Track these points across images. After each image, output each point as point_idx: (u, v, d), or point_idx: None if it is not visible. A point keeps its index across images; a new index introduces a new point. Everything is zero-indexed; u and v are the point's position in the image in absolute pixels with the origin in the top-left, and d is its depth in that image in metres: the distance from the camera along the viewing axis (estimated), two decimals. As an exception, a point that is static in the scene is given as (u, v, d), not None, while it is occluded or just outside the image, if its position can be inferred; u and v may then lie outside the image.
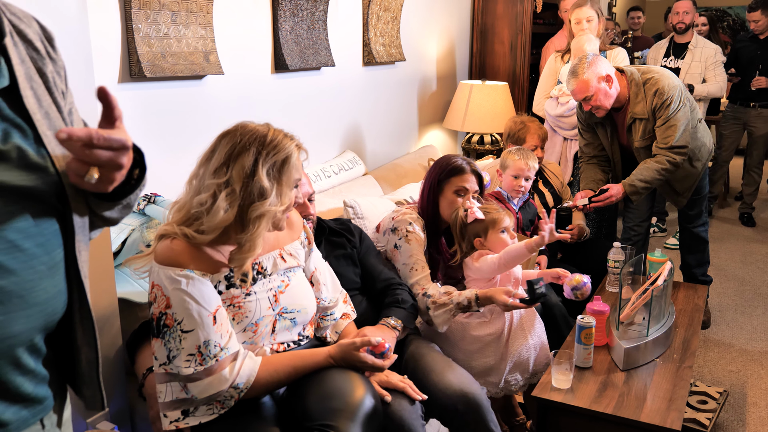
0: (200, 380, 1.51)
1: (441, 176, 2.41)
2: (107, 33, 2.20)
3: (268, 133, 1.61)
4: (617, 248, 2.89)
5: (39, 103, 0.96)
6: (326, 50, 3.16)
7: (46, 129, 0.96)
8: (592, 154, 3.33)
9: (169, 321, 1.52)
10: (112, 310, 1.92)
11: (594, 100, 3.01)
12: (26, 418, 0.97)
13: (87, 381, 1.08)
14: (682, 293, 2.99)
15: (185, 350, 1.51)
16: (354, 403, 1.57)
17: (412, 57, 4.03)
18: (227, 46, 2.65)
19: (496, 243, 2.34)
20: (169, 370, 1.53)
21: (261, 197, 1.54)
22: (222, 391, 1.53)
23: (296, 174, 1.62)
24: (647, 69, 3.10)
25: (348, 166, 3.29)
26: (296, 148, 1.62)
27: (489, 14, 4.63)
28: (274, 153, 1.57)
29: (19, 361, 0.94)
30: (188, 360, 1.51)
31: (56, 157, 0.96)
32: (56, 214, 0.98)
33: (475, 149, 4.24)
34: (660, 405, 2.01)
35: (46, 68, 1.00)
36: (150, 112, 2.39)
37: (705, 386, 2.94)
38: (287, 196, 1.60)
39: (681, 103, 2.99)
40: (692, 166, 3.25)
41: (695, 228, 3.55)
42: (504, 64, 4.64)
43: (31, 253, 0.93)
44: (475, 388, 1.92)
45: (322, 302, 1.88)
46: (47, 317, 0.97)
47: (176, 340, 1.51)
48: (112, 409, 1.93)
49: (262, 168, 1.55)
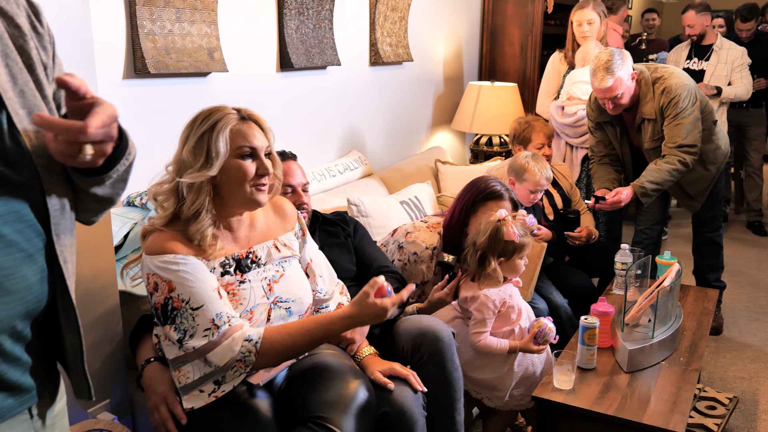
0: (216, 348, 1.51)
1: (477, 198, 2.36)
2: (112, 29, 2.21)
3: (205, 109, 1.62)
4: (624, 250, 2.85)
5: (13, 80, 0.95)
6: (332, 49, 3.15)
7: (18, 108, 0.94)
8: (604, 152, 3.27)
9: (176, 303, 1.52)
10: (113, 304, 1.92)
11: (620, 99, 2.95)
12: (12, 407, 0.96)
13: (73, 368, 1.08)
14: (692, 296, 2.95)
15: (201, 326, 1.52)
16: (347, 396, 1.57)
17: (419, 57, 4.02)
18: (232, 44, 2.65)
19: (513, 269, 2.22)
20: (188, 351, 1.53)
21: (188, 168, 1.56)
22: (237, 349, 1.51)
23: (240, 141, 1.58)
24: (657, 68, 3.05)
25: (353, 166, 3.28)
26: (235, 116, 1.61)
27: (499, 15, 4.60)
28: (202, 125, 1.58)
29: (2, 348, 0.93)
30: (206, 335, 1.51)
31: (27, 137, 0.94)
32: (34, 198, 0.96)
33: (483, 151, 4.22)
34: (663, 407, 1.98)
35: (27, 44, 0.98)
36: (154, 108, 2.39)
37: (714, 392, 2.88)
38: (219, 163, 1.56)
39: (690, 101, 2.94)
40: (706, 169, 3.19)
41: (709, 232, 3.48)
42: (514, 65, 4.61)
43: (8, 240, 0.91)
44: (435, 323, 1.94)
45: (318, 294, 1.87)
46: (28, 305, 0.96)
47: (188, 319, 1.52)
48: (113, 401, 1.93)
49: (189, 141, 1.57)
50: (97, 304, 1.85)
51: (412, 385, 1.80)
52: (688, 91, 2.94)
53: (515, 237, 2.14)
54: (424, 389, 1.82)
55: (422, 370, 1.88)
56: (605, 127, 3.21)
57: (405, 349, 1.92)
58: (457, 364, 1.94)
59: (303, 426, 1.53)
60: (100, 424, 1.72)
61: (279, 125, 2.69)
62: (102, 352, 1.88)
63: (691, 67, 4.85)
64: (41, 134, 0.96)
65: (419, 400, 1.79)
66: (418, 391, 1.80)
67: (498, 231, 2.15)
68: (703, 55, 4.85)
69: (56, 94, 1.05)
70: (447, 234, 2.40)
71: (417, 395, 1.79)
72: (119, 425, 1.74)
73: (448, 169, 3.77)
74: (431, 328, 1.93)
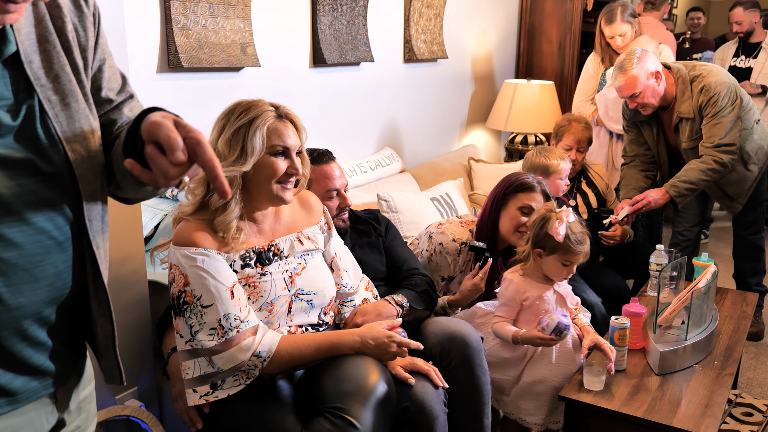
0: (223, 352, 1.53)
1: (508, 190, 2.35)
2: (146, 24, 2.25)
3: (243, 102, 1.63)
4: (660, 251, 2.79)
5: (49, 65, 0.95)
6: (365, 45, 3.15)
7: (51, 94, 0.94)
8: (636, 152, 3.22)
9: (188, 298, 1.54)
10: (142, 293, 1.96)
11: (641, 98, 2.90)
12: (36, 389, 0.97)
13: (104, 354, 1.08)
14: (730, 299, 2.86)
15: (207, 324, 1.54)
16: (367, 388, 1.56)
17: (455, 54, 3.99)
18: (265, 39, 2.67)
19: (552, 268, 2.13)
20: (194, 346, 1.55)
21: (220, 159, 1.56)
22: (245, 360, 1.54)
23: (274, 140, 1.59)
24: (695, 65, 2.98)
25: (385, 162, 3.28)
26: (272, 113, 1.61)
27: (537, 12, 4.55)
28: (238, 118, 1.59)
29: (27, 333, 0.94)
30: (210, 334, 1.53)
31: (59, 123, 0.94)
32: (65, 185, 0.96)
33: (518, 150, 4.17)
34: (695, 411, 1.92)
35: (66, 26, 0.97)
36: (187, 102, 2.43)
37: (752, 398, 2.79)
38: (252, 159, 1.57)
39: (730, 100, 2.85)
40: (747, 169, 3.10)
41: (751, 235, 3.38)
42: (552, 63, 4.55)
43: (38, 227, 0.92)
44: (463, 328, 1.92)
45: (342, 288, 1.88)
46: (56, 291, 0.96)
47: (197, 315, 1.54)
48: (140, 388, 1.97)
49: (224, 136, 1.58)
50: (126, 292, 1.88)
51: (433, 380, 1.79)
52: (728, 89, 2.86)
53: (557, 235, 2.06)
54: (445, 385, 1.80)
55: (450, 375, 1.86)
56: (641, 126, 3.15)
57: (433, 353, 1.90)
58: (485, 369, 1.93)
59: (320, 416, 1.52)
60: (127, 411, 1.75)
61: (311, 121, 2.70)
62: (130, 340, 1.91)
63: (738, 65, 4.72)
64: (73, 120, 0.96)
65: (440, 396, 1.78)
66: (439, 387, 1.79)
67: (544, 220, 2.11)
68: (750, 53, 4.70)
69: (97, 75, 1.04)
70: (479, 230, 2.39)
71: (438, 391, 1.78)
72: (146, 412, 1.77)
73: (481, 167, 3.74)
74: (460, 333, 1.91)
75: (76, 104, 0.97)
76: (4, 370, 0.92)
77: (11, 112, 0.90)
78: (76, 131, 0.96)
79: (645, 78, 2.86)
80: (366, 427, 1.50)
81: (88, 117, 0.99)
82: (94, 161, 1.00)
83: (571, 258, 2.11)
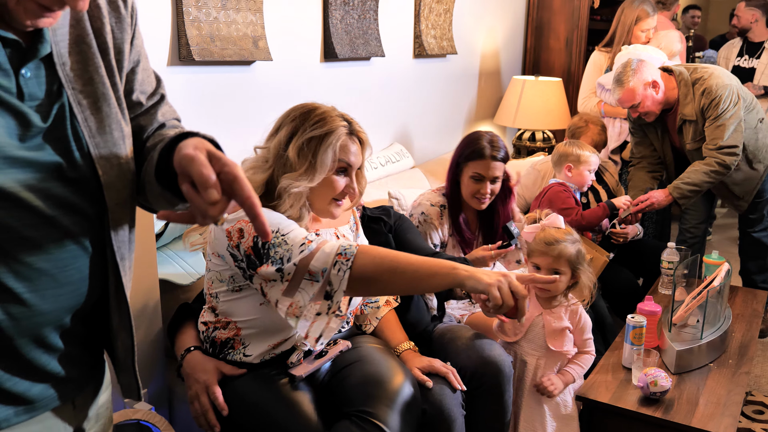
0: (314, 256, 1.39)
1: (461, 159, 2.36)
2: (157, 16, 2.22)
3: (319, 109, 1.58)
4: (671, 249, 2.78)
5: (84, 67, 0.92)
6: (376, 40, 3.13)
7: (82, 97, 0.91)
8: (642, 154, 3.24)
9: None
10: (153, 292, 1.92)
11: (642, 107, 2.94)
12: (55, 397, 0.95)
13: (123, 368, 1.05)
14: (740, 298, 2.86)
15: (296, 245, 1.43)
16: (393, 391, 1.53)
17: (464, 50, 3.97)
18: (276, 33, 2.64)
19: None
20: (290, 271, 1.41)
21: (290, 169, 1.53)
22: (334, 252, 1.38)
23: (341, 157, 1.56)
24: (697, 68, 2.99)
25: (395, 158, 3.26)
26: (345, 130, 1.57)
27: (545, 9, 4.53)
28: (313, 128, 1.54)
29: (46, 341, 0.91)
30: (302, 250, 1.41)
31: (88, 127, 0.91)
32: (91, 191, 0.93)
33: (526, 146, 4.16)
34: (713, 410, 1.92)
35: (104, 27, 0.95)
36: (198, 95, 2.40)
37: (762, 396, 2.80)
38: (320, 175, 1.54)
39: (732, 102, 2.87)
40: (752, 168, 3.11)
41: (756, 233, 3.40)
42: (559, 60, 4.53)
43: (65, 230, 0.89)
44: (497, 353, 1.87)
45: None
46: (80, 298, 0.93)
47: (282, 245, 1.44)
48: (150, 390, 1.93)
49: (296, 141, 1.53)
50: (136, 291, 1.84)
51: (451, 383, 1.76)
52: (730, 91, 2.87)
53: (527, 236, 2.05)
54: (463, 388, 1.78)
55: (478, 399, 1.83)
56: (647, 129, 3.17)
57: (464, 375, 1.84)
58: (511, 393, 1.90)
59: (347, 419, 1.50)
60: (138, 414, 1.71)
61: (322, 115, 2.68)
62: (140, 341, 1.87)
63: (742, 65, 4.70)
64: (104, 125, 0.93)
65: (458, 399, 1.76)
66: (457, 389, 1.76)
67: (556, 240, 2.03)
68: (754, 53, 4.69)
69: (129, 77, 1.01)
70: (450, 195, 2.40)
71: (456, 394, 1.75)
72: (157, 415, 1.73)
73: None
74: (494, 359, 1.86)
75: (108, 108, 0.94)
76: (21, 378, 0.90)
77: (42, 114, 0.87)
78: (106, 137, 0.93)
79: (642, 89, 2.90)
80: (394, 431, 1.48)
81: (119, 122, 0.96)
82: (123, 169, 0.96)
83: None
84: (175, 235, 2.18)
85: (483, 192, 2.31)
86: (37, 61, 0.86)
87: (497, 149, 2.32)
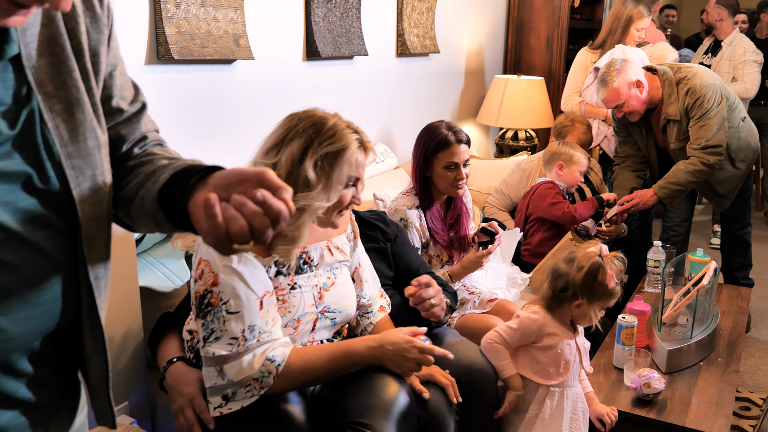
0: (235, 361, 1.42)
1: (427, 153, 2.33)
2: (134, 13, 2.15)
3: (329, 121, 1.50)
4: (657, 247, 2.79)
5: (57, 70, 0.85)
6: (359, 39, 3.08)
7: (55, 102, 0.84)
8: (627, 153, 3.25)
9: (214, 299, 1.43)
10: (133, 300, 1.86)
11: (626, 107, 2.95)
12: (25, 425, 0.88)
13: (97, 394, 0.98)
14: (725, 295, 2.87)
15: (228, 333, 1.42)
16: (389, 401, 1.48)
17: (446, 49, 3.94)
18: (258, 31, 2.58)
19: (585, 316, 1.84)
20: (205, 354, 1.44)
21: (305, 188, 1.45)
22: (257, 369, 1.42)
23: (352, 171, 1.51)
24: (681, 67, 3.00)
25: (379, 158, 3.22)
26: (357, 143, 1.51)
27: (526, 8, 4.52)
28: (328, 143, 1.46)
29: (14, 366, 0.85)
30: (230, 344, 1.42)
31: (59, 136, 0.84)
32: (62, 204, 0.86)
33: (508, 145, 4.14)
34: (706, 410, 1.91)
35: (78, 27, 0.88)
36: (177, 96, 2.34)
37: (747, 392, 2.80)
38: (336, 193, 1.48)
39: (715, 101, 2.88)
40: (735, 167, 3.14)
41: (739, 230, 3.42)
42: (540, 59, 4.52)
43: (37, 247, 0.82)
44: (481, 360, 1.84)
45: (362, 300, 1.80)
46: (51, 320, 0.86)
47: (220, 321, 1.42)
48: (132, 403, 1.87)
49: (311, 157, 1.45)
50: (116, 300, 1.76)
51: (449, 396, 1.70)
52: (713, 91, 2.89)
53: (612, 282, 1.79)
54: (459, 400, 1.72)
55: (468, 406, 1.79)
56: (631, 128, 3.18)
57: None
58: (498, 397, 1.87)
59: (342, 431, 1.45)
60: (120, 429, 1.65)
61: (304, 115, 2.63)
62: (121, 352, 1.80)
63: (705, 62, 4.77)
64: (77, 133, 0.86)
65: (452, 406, 1.72)
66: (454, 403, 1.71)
67: (599, 271, 1.78)
68: (716, 51, 4.75)
69: (107, 81, 0.94)
70: (419, 195, 2.38)
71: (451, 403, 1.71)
72: (139, 430, 1.67)
73: (472, 162, 3.68)
74: (479, 366, 1.83)
75: (82, 115, 0.87)
76: None
77: (8, 120, 0.80)
78: (79, 145, 0.86)
79: (627, 89, 2.91)
80: None
81: (95, 130, 0.89)
82: (98, 181, 0.89)
83: (608, 303, 1.85)
84: (156, 241, 2.11)
85: (460, 178, 2.31)
86: (3, 62, 0.80)
87: (458, 132, 2.34)
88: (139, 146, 1.02)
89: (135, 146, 1.01)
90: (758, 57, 4.59)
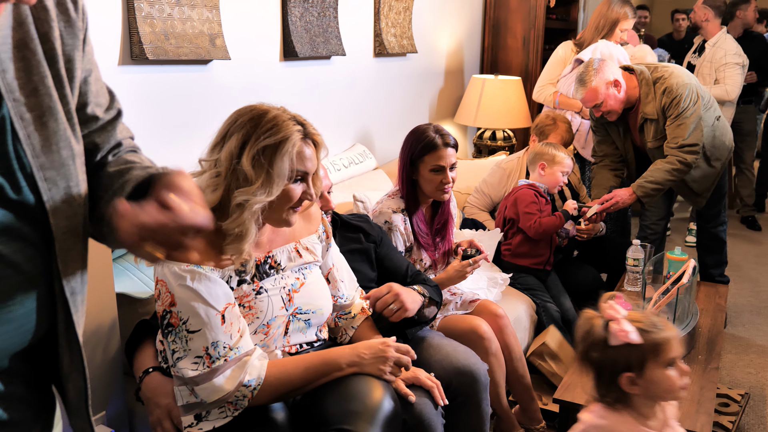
0: (207, 382, 1.39)
1: (413, 156, 2.31)
2: (107, 12, 2.10)
3: (269, 114, 1.46)
4: (636, 246, 2.80)
5: (27, 76, 0.81)
6: (337, 39, 3.06)
7: (25, 111, 0.81)
8: (605, 152, 3.26)
9: (174, 320, 1.40)
10: (110, 307, 1.81)
11: (604, 106, 2.97)
12: None
13: (75, 411, 0.94)
14: (703, 293, 2.89)
15: (192, 352, 1.40)
16: (373, 406, 1.45)
17: (424, 49, 3.93)
18: (234, 31, 2.55)
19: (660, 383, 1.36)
20: (175, 373, 1.42)
21: (245, 183, 1.41)
22: (231, 391, 1.40)
23: (295, 165, 1.45)
24: (657, 67, 3.03)
25: (358, 159, 3.20)
26: (299, 135, 1.45)
27: (502, 8, 4.53)
28: (266, 136, 1.42)
29: None
30: (195, 362, 1.40)
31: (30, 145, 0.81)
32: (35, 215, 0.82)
33: (486, 145, 4.14)
34: (688, 408, 1.91)
35: (52, 32, 0.84)
36: (152, 97, 2.29)
37: (726, 388, 2.83)
38: (277, 187, 1.43)
39: (691, 101, 2.91)
40: (710, 165, 3.17)
41: (714, 228, 3.46)
42: (516, 59, 4.54)
43: (8, 261, 0.79)
44: (472, 362, 1.84)
45: (339, 300, 1.76)
46: (23, 336, 0.83)
47: (182, 340, 1.40)
48: (109, 412, 1.82)
49: (249, 151, 1.41)
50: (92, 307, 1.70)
51: (434, 398, 1.69)
52: (689, 90, 2.91)
53: (627, 338, 1.35)
54: (446, 402, 1.71)
55: (456, 409, 1.78)
56: (609, 127, 3.20)
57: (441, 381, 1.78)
58: (488, 400, 1.87)
59: None
60: None
61: (282, 116, 2.59)
62: (97, 360, 1.75)
63: (692, 62, 4.81)
64: (50, 143, 0.83)
65: (439, 410, 1.70)
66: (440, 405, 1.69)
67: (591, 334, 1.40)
68: (702, 52, 4.80)
69: (82, 88, 0.91)
70: (405, 199, 2.36)
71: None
72: None
73: (451, 162, 3.68)
74: (468, 368, 1.82)
75: (54, 124, 0.83)
76: None
77: None
78: (52, 156, 0.83)
79: (605, 88, 2.93)
80: None
81: (68, 140, 0.85)
82: (72, 193, 0.86)
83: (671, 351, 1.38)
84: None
85: (446, 181, 2.29)
86: None
87: (446, 136, 2.32)
88: (113, 153, 0.99)
89: (109, 154, 0.98)
90: (740, 59, 4.60)
